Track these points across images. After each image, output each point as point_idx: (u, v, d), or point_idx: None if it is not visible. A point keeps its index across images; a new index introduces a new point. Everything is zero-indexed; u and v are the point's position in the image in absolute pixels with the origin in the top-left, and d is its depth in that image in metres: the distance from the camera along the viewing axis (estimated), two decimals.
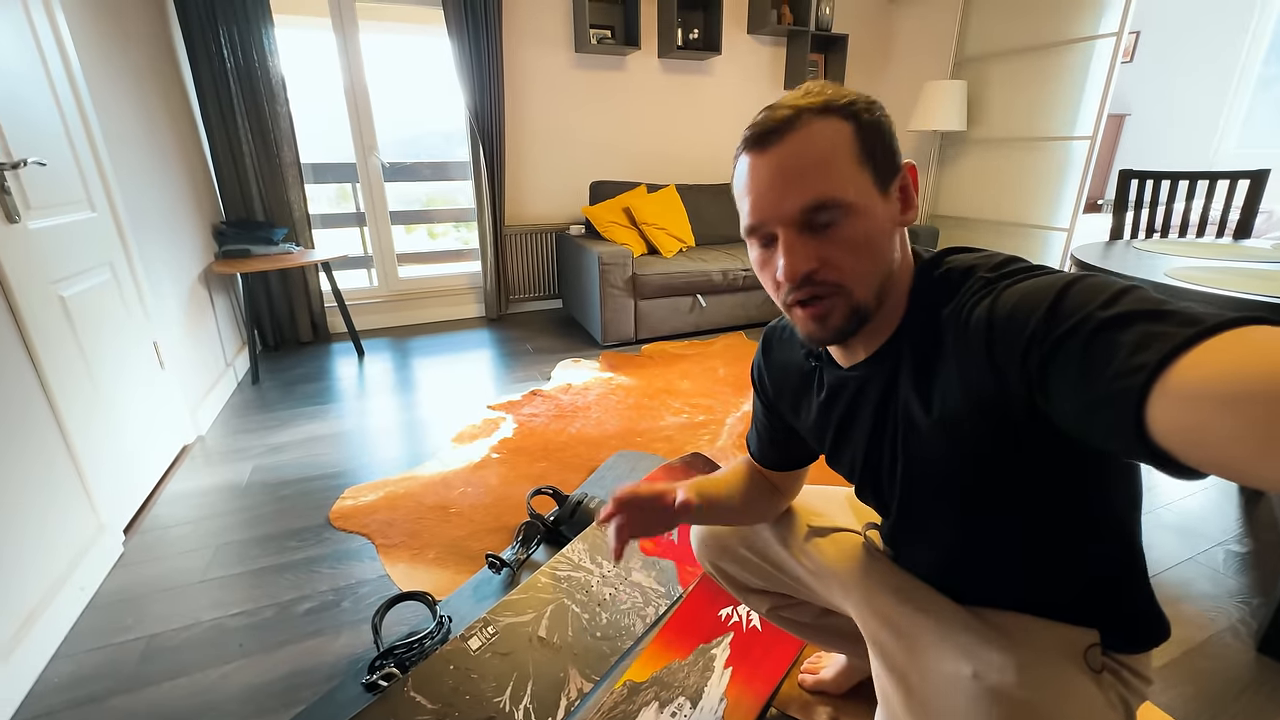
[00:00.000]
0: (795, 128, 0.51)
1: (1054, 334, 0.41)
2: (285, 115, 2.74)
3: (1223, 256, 1.53)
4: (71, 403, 1.35)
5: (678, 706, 1.01)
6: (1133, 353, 0.35)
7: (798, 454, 0.80)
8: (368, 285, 3.36)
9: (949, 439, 0.53)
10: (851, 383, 0.63)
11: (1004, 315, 0.46)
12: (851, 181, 0.51)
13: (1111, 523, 0.56)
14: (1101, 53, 2.86)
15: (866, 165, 0.52)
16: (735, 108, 3.72)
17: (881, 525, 0.72)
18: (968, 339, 0.49)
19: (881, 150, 0.53)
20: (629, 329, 2.96)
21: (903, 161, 0.55)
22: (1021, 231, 3.34)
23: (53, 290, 1.36)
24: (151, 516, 1.60)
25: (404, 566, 1.39)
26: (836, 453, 0.69)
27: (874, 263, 0.53)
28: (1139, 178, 2.13)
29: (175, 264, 2.15)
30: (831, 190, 0.51)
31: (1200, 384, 0.31)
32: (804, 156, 0.51)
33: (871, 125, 0.53)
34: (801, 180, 0.51)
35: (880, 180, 0.53)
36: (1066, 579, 0.57)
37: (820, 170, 0.51)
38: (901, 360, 0.57)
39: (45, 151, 1.40)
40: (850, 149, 0.51)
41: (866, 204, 0.52)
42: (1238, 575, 1.33)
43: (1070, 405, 0.39)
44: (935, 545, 0.63)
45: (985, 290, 0.49)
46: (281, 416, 2.21)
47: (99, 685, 1.10)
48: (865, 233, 0.52)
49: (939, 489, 0.57)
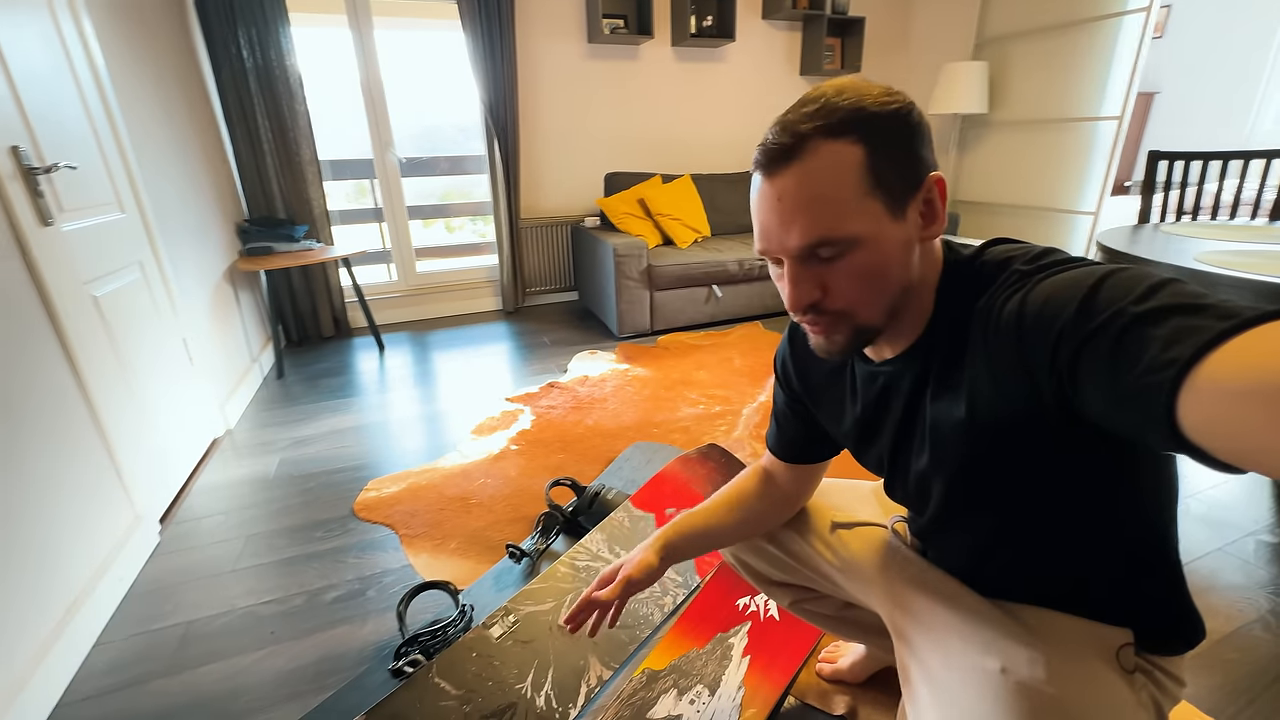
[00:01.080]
0: (799, 156, 0.49)
1: (1087, 328, 0.40)
2: (303, 113, 2.77)
3: (1255, 239, 1.48)
4: (106, 399, 1.40)
5: (696, 694, 1.02)
6: (1165, 347, 0.34)
7: (818, 449, 0.78)
8: (387, 280, 3.41)
9: (981, 434, 0.52)
10: (881, 377, 0.62)
11: (1035, 310, 0.45)
12: (857, 214, 0.49)
13: (1145, 521, 0.55)
14: (1130, 29, 2.77)
15: (876, 192, 0.49)
16: (751, 95, 3.68)
17: (909, 519, 0.72)
18: (1000, 334, 0.48)
19: (897, 171, 0.50)
20: (645, 320, 2.97)
21: (930, 173, 0.51)
22: (1046, 216, 3.26)
23: (86, 290, 1.41)
24: (185, 508, 1.66)
25: (426, 556, 1.42)
26: (864, 448, 0.68)
27: (881, 289, 0.52)
28: (1169, 159, 2.06)
29: (201, 263, 2.21)
30: (833, 229, 0.49)
31: (1233, 378, 0.31)
32: (807, 189, 0.49)
33: (888, 141, 0.49)
34: (803, 215, 0.49)
35: (894, 204, 0.50)
36: (1099, 577, 0.56)
37: (822, 206, 0.49)
38: (933, 353, 0.56)
39: (75, 155, 1.44)
40: (857, 178, 0.49)
41: (874, 234, 0.50)
42: (1268, 566, 1.30)
43: (1101, 400, 0.39)
44: (966, 540, 0.62)
45: (1019, 284, 0.48)
46: (306, 410, 2.26)
47: (141, 669, 1.14)
48: (871, 264, 0.51)
49: (970, 485, 0.56)
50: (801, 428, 0.77)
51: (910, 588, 0.67)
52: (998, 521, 0.58)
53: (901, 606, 0.66)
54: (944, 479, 0.58)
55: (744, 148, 3.74)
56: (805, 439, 0.78)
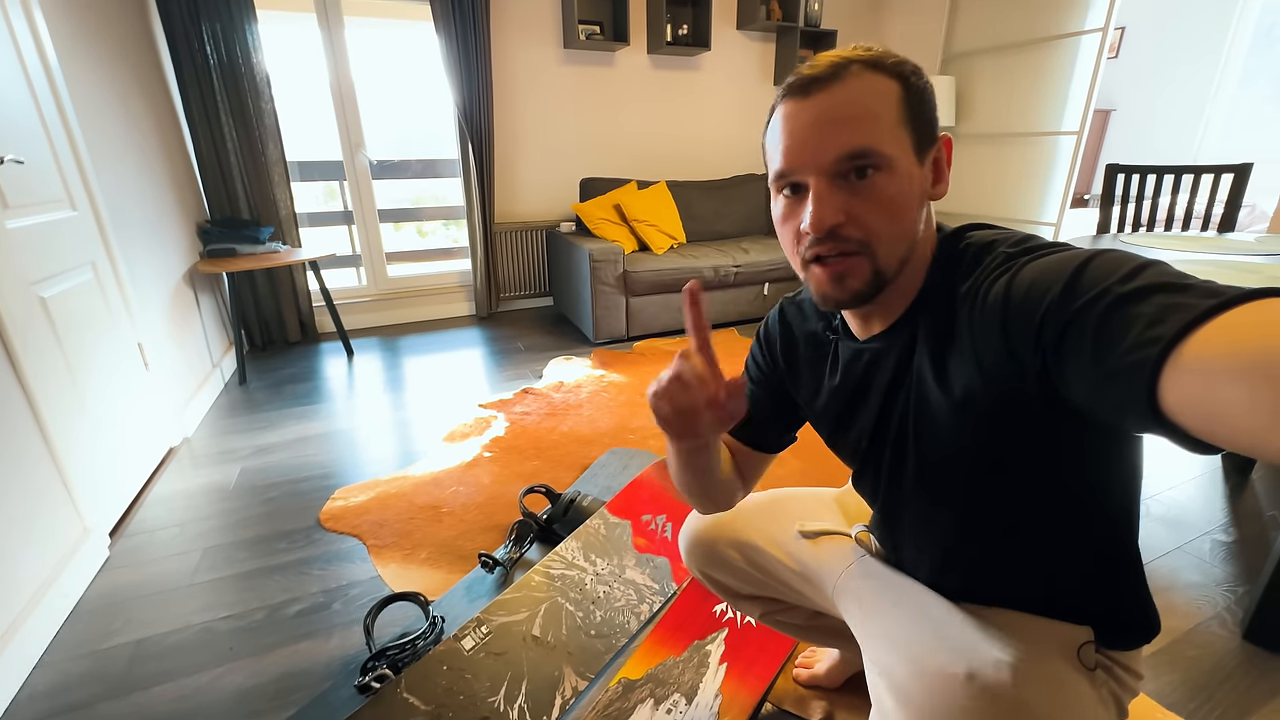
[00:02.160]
0: (843, 78, 0.50)
1: (1071, 307, 0.40)
2: (270, 112, 2.70)
3: (1209, 250, 1.54)
4: (54, 406, 1.33)
5: (673, 703, 1.01)
6: (1149, 325, 0.35)
7: (774, 436, 0.78)
8: (356, 284, 3.33)
9: (961, 417, 0.52)
10: (866, 354, 0.61)
11: (1022, 291, 0.45)
12: (894, 138, 0.50)
13: (1112, 516, 0.56)
14: (1087, 49, 2.88)
15: (908, 126, 0.51)
16: (725, 103, 3.72)
17: (874, 520, 0.72)
18: (985, 315, 0.48)
19: (924, 116, 0.53)
20: (620, 326, 2.96)
21: (940, 134, 0.55)
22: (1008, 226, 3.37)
23: (32, 291, 1.34)
24: (137, 520, 1.58)
25: (396, 567, 1.38)
26: (841, 431, 0.68)
27: (902, 225, 0.52)
28: (1125, 172, 2.15)
29: (159, 264, 2.12)
30: (874, 141, 0.50)
31: (1215, 357, 0.31)
32: (851, 105, 0.50)
33: (917, 89, 0.52)
34: (845, 126, 0.50)
35: (919, 145, 0.52)
36: (1062, 576, 0.57)
37: (866, 119, 0.50)
38: (918, 333, 0.56)
39: (22, 149, 1.37)
40: (896, 106, 0.51)
41: (904, 163, 0.51)
42: (1224, 564, 1.35)
43: (1085, 379, 0.39)
44: (931, 537, 0.63)
45: (1005, 266, 0.49)
46: (270, 417, 2.19)
47: (85, 692, 1.08)
48: (899, 192, 0.51)
49: (944, 471, 0.57)
50: (766, 409, 0.76)
51: (875, 596, 0.66)
52: (965, 513, 0.58)
53: (867, 614, 0.66)
54: (918, 463, 0.58)
55: (719, 155, 3.77)
56: (766, 422, 0.77)
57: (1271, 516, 1.52)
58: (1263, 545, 1.41)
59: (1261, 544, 1.41)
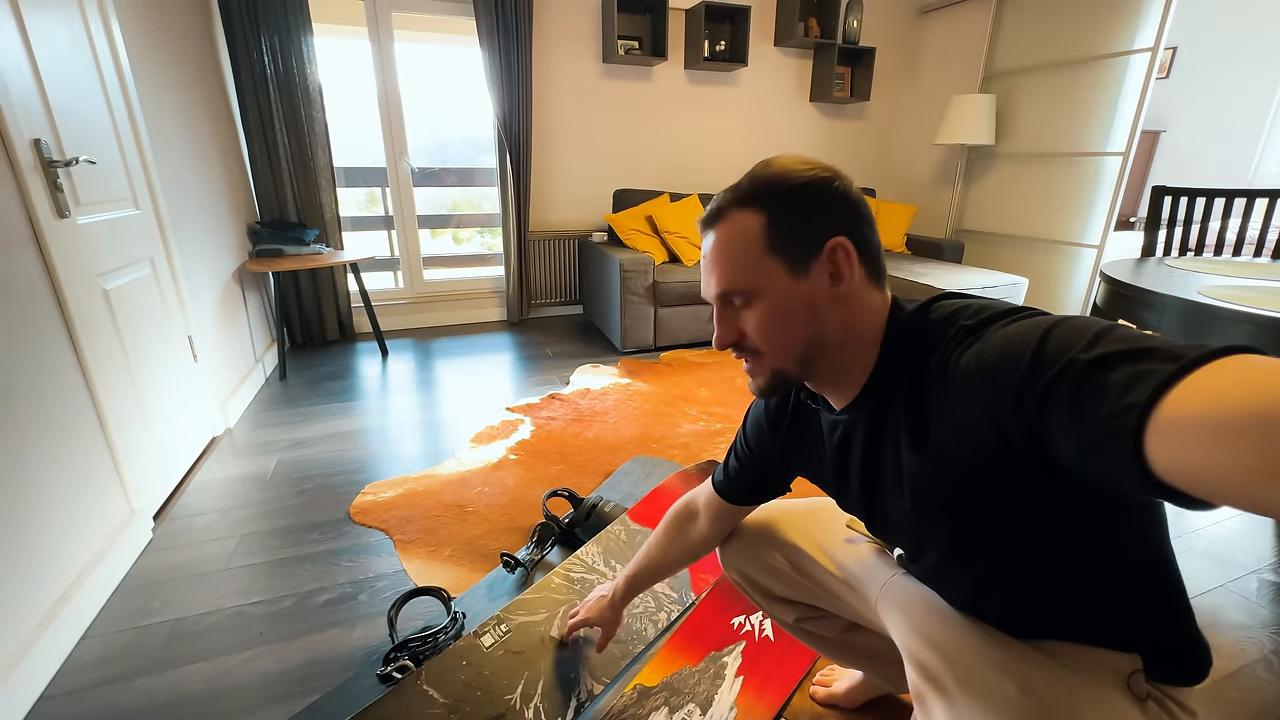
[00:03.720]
0: (719, 221, 0.60)
1: (1042, 380, 0.41)
2: (321, 121, 2.82)
3: (1258, 276, 1.49)
4: (110, 392, 1.41)
5: (687, 713, 1.00)
6: (1122, 393, 0.35)
7: (762, 493, 0.84)
8: (393, 287, 3.43)
9: (954, 479, 0.53)
10: (840, 427, 0.65)
11: (991, 362, 0.46)
12: (757, 271, 0.58)
13: (1142, 544, 0.54)
14: (1136, 68, 2.81)
15: (775, 255, 0.57)
16: (761, 119, 3.73)
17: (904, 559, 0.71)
18: (958, 386, 0.49)
19: (795, 237, 0.57)
20: (648, 336, 2.98)
21: (832, 238, 0.57)
22: (1050, 248, 3.28)
23: (97, 284, 1.42)
24: (180, 504, 1.65)
25: (420, 563, 1.41)
26: (842, 495, 0.71)
27: (786, 337, 0.59)
28: (1173, 194, 2.08)
29: (212, 262, 2.23)
30: (734, 282, 0.59)
31: (1188, 420, 0.31)
32: (719, 250, 0.60)
33: (789, 212, 0.57)
34: (717, 269, 0.60)
35: (793, 264, 0.57)
36: (1101, 604, 0.55)
37: (728, 263, 0.59)
38: (888, 405, 0.58)
39: (95, 150, 1.46)
40: (758, 242, 0.58)
41: (771, 288, 0.58)
42: (1271, 605, 1.29)
43: (1070, 450, 0.40)
44: (960, 581, 0.62)
45: (970, 337, 0.50)
46: (306, 412, 2.26)
47: (126, 665, 1.13)
48: (772, 313, 0.59)
49: (953, 530, 0.57)
50: (751, 476, 0.82)
51: (920, 607, 0.66)
52: (988, 564, 0.57)
53: (913, 625, 0.65)
54: (923, 525, 0.59)
55: None
56: (756, 486, 0.83)
57: None
58: None
59: None
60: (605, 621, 1.03)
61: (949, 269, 3.08)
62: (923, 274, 2.91)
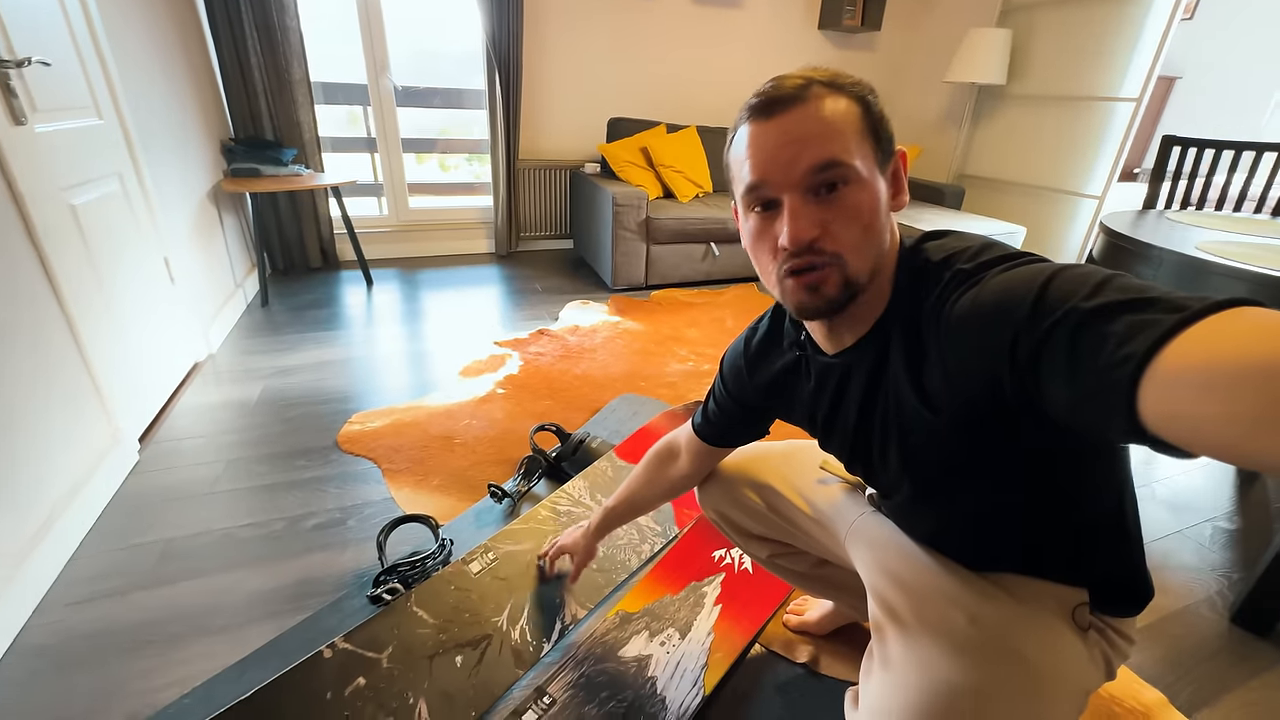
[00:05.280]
0: (805, 98, 0.52)
1: (1040, 326, 0.40)
2: (295, 29, 2.62)
3: (1257, 232, 1.48)
4: (84, 311, 1.37)
5: (667, 637, 1.05)
6: (1120, 343, 0.35)
7: (741, 438, 0.85)
8: (377, 214, 3.32)
9: (943, 426, 0.53)
10: (837, 369, 0.63)
11: (990, 308, 0.45)
12: (859, 150, 0.53)
13: (1105, 486, 0.57)
14: (1160, 7, 2.68)
15: (870, 140, 0.54)
16: (766, 48, 3.54)
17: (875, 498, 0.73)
18: (953, 331, 0.48)
19: (882, 132, 0.55)
20: (640, 274, 2.93)
21: (896, 148, 0.57)
22: (1052, 197, 3.23)
23: (63, 198, 1.35)
24: (165, 428, 1.65)
25: (408, 491, 1.44)
26: (827, 437, 0.71)
27: (872, 236, 0.54)
28: (1182, 145, 2.03)
29: (183, 179, 2.12)
30: (841, 153, 0.52)
31: (1187, 370, 0.31)
32: (816, 121, 0.52)
33: (875, 109, 0.55)
34: (813, 141, 0.52)
35: (881, 158, 0.55)
36: (1060, 545, 0.58)
37: (831, 135, 0.52)
38: (889, 347, 0.57)
39: (49, 52, 1.35)
40: (857, 122, 0.53)
41: (869, 174, 0.53)
42: (1222, 550, 1.36)
43: (1062, 398, 0.40)
44: (930, 518, 0.65)
45: (966, 281, 0.49)
46: (290, 340, 2.23)
47: (120, 581, 1.16)
48: (868, 203, 0.53)
49: (932, 473, 0.58)
50: (735, 420, 0.81)
51: (884, 543, 0.69)
52: (961, 501, 0.59)
53: (877, 560, 0.68)
54: (906, 468, 0.60)
55: None
56: (735, 429, 0.83)
57: (1278, 509, 1.51)
58: (1264, 535, 1.41)
59: (1263, 534, 1.42)
60: (580, 550, 1.05)
61: (947, 214, 3.03)
62: (919, 219, 2.86)
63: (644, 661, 1.01)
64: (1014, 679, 0.53)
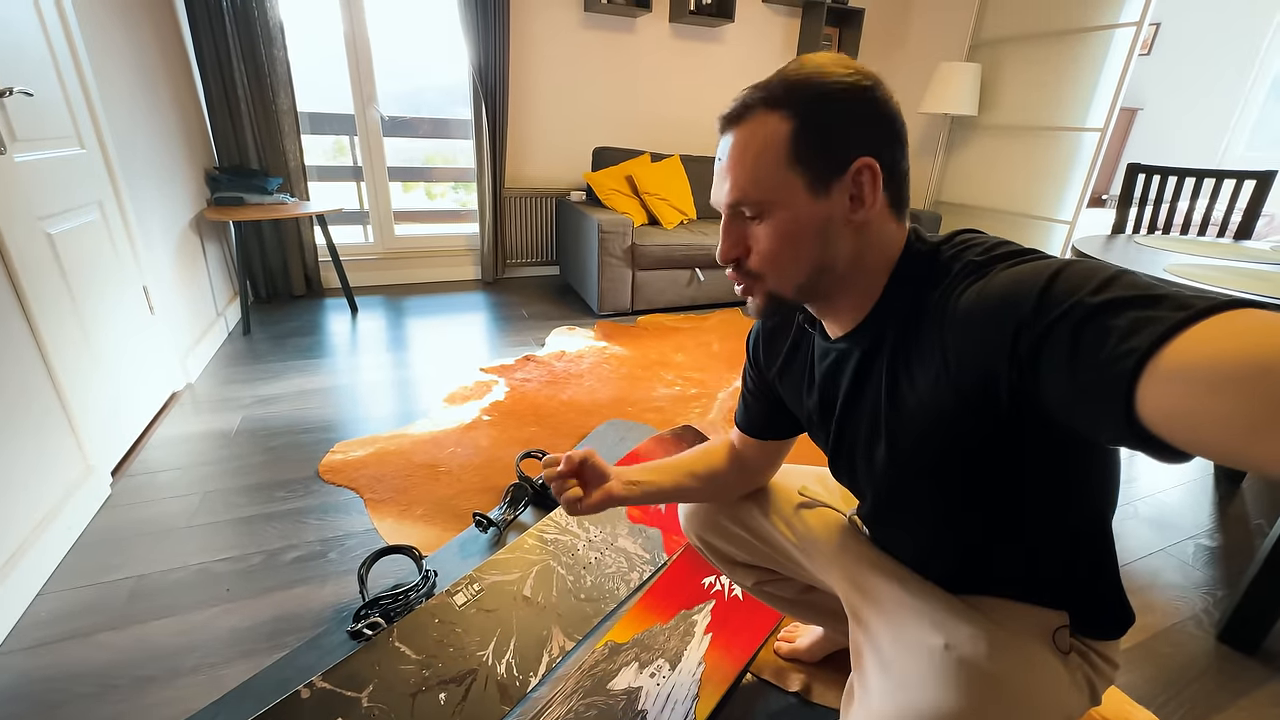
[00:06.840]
0: (741, 121, 0.55)
1: (1044, 320, 0.40)
2: (283, 60, 2.65)
3: (1223, 256, 1.53)
4: (59, 342, 1.34)
5: (657, 668, 1.03)
6: (1123, 338, 0.35)
7: (780, 426, 0.80)
8: (363, 241, 3.31)
9: (932, 422, 0.53)
10: (833, 354, 0.64)
11: (994, 301, 0.45)
12: (775, 183, 0.53)
13: (1087, 509, 0.57)
14: (1120, 43, 2.81)
15: (796, 167, 0.53)
16: (746, 78, 3.63)
17: (859, 508, 0.73)
18: (958, 324, 0.48)
19: (822, 151, 0.52)
20: (625, 299, 2.95)
21: (860, 157, 0.52)
22: (1023, 222, 3.33)
23: (40, 226, 1.33)
24: (139, 460, 1.60)
25: (391, 521, 1.41)
26: (816, 425, 0.70)
27: (792, 260, 0.55)
28: (1146, 172, 2.11)
29: (166, 208, 2.11)
30: (750, 192, 0.54)
31: (1189, 368, 0.31)
32: (738, 152, 0.55)
33: (821, 119, 0.52)
34: (732, 175, 0.55)
35: (815, 182, 0.53)
36: (1040, 566, 0.58)
37: (745, 171, 0.54)
38: (884, 338, 0.57)
39: (31, 82, 1.35)
40: (781, 151, 0.53)
41: (788, 204, 0.53)
42: (1205, 568, 1.37)
43: (1060, 391, 0.39)
44: (910, 531, 0.64)
45: (975, 274, 0.49)
46: (272, 368, 2.20)
47: (87, 620, 1.11)
48: (783, 232, 0.54)
49: (916, 473, 0.58)
50: (765, 404, 0.79)
51: (865, 569, 0.69)
52: (942, 512, 0.59)
53: (857, 586, 0.68)
54: (891, 464, 0.59)
55: None
56: (768, 415, 0.80)
57: (1258, 524, 1.53)
58: (1247, 552, 1.43)
59: (1245, 550, 1.43)
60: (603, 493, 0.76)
61: None
62: None
63: (634, 694, 0.98)
64: (993, 704, 0.52)
